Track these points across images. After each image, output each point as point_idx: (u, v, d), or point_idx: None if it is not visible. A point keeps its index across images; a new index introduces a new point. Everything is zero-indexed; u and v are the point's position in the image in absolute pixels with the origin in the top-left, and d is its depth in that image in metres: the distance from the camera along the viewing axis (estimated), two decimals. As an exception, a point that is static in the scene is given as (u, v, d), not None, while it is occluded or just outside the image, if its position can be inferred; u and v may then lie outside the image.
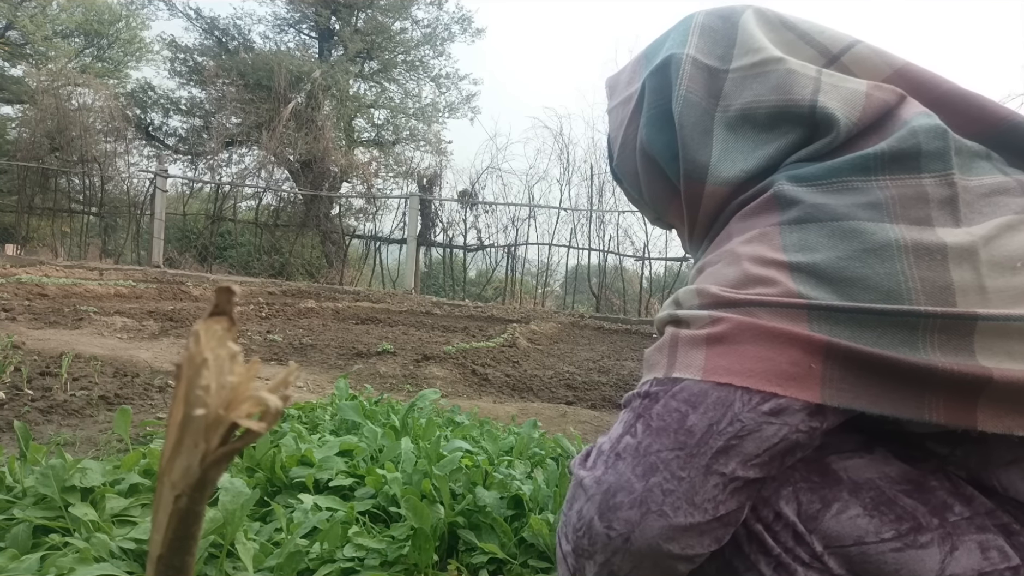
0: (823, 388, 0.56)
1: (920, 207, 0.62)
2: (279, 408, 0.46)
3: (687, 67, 0.76)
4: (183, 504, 0.48)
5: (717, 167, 0.73)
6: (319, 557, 1.04)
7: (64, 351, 2.71)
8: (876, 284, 0.58)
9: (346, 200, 13.55)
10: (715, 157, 0.73)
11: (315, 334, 4.49)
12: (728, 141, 0.73)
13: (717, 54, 0.77)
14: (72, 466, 1.12)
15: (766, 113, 0.72)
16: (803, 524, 0.59)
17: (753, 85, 0.73)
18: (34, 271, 6.58)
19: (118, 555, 0.96)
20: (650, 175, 0.82)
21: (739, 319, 0.59)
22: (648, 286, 9.60)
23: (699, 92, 0.75)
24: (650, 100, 0.79)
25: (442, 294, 10.34)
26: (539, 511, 1.22)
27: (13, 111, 15.64)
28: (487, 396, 2.94)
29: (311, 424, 1.74)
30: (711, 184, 0.73)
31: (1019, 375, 0.53)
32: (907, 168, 0.64)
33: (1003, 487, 0.58)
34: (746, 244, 0.65)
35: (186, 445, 0.47)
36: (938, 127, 0.66)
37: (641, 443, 0.59)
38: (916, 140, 0.65)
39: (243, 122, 13.64)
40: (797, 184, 0.67)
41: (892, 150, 0.65)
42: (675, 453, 0.57)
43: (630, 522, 0.57)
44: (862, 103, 0.70)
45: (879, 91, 0.71)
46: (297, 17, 15.48)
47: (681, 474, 0.57)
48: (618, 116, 0.86)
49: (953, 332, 0.55)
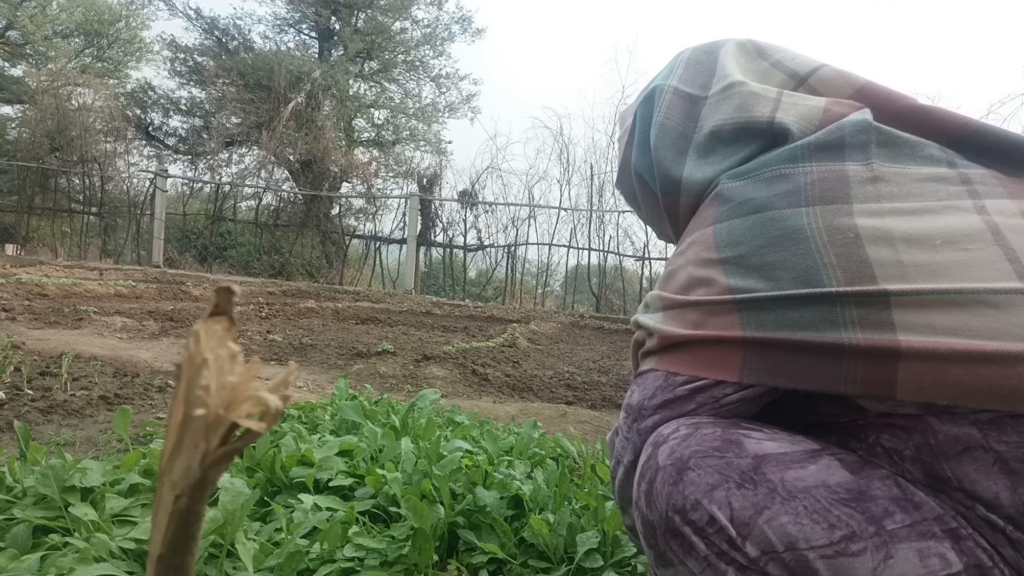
0: (743, 370, 0.64)
1: (840, 187, 0.68)
2: (279, 408, 0.46)
3: (667, 96, 0.88)
4: (183, 504, 0.48)
5: (688, 179, 0.82)
6: (319, 557, 1.04)
7: (64, 351, 2.71)
8: (793, 265, 0.64)
9: (346, 200, 13.56)
10: (687, 171, 0.83)
11: (315, 334, 4.49)
12: (698, 155, 0.83)
13: (699, 83, 0.88)
14: (72, 466, 1.12)
15: (730, 129, 0.81)
16: (735, 529, 0.59)
17: (723, 107, 0.83)
18: (34, 271, 6.58)
19: (118, 555, 0.96)
20: (643, 192, 0.93)
21: (679, 334, 0.70)
22: (648, 286, 9.60)
23: (676, 117, 0.87)
24: (639, 127, 0.91)
25: (442, 294, 10.34)
26: (539, 511, 1.22)
27: (13, 111, 15.64)
28: (487, 396, 2.94)
29: (311, 424, 1.74)
30: (684, 195, 0.83)
31: (929, 345, 0.56)
32: (831, 156, 0.72)
33: (956, 479, 0.58)
34: (691, 247, 0.75)
35: (186, 445, 0.47)
36: (864, 122, 0.73)
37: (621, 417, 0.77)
38: (841, 133, 0.73)
39: (243, 122, 13.64)
40: (735, 180, 0.75)
41: (818, 141, 0.73)
42: (625, 421, 0.74)
43: (613, 469, 0.77)
44: (819, 117, 0.78)
45: (837, 106, 0.78)
46: (297, 17, 15.48)
47: (627, 435, 0.73)
48: (621, 142, 0.98)
49: (869, 307, 0.59)
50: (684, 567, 0.62)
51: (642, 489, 0.65)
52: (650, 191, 0.90)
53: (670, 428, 0.67)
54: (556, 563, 1.12)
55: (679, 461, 0.62)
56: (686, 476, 0.61)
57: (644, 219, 1.03)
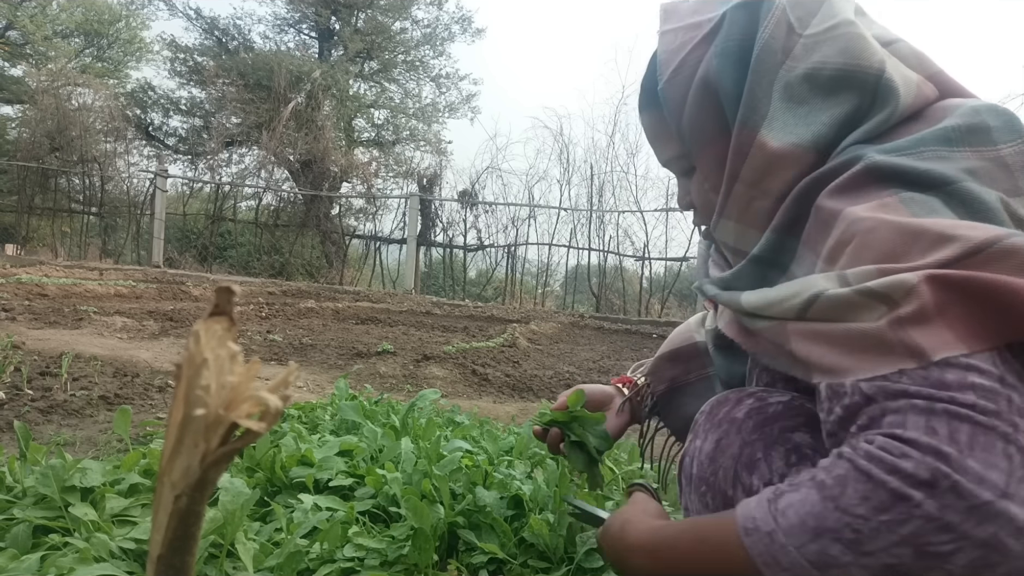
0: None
1: (1007, 177, 0.63)
2: (279, 408, 0.46)
3: (777, 13, 0.74)
4: (183, 504, 0.48)
5: (771, 124, 0.72)
6: (319, 557, 1.04)
7: (64, 351, 2.71)
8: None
9: (346, 200, 13.56)
10: (771, 112, 0.72)
11: (315, 334, 4.49)
12: (785, 100, 0.72)
13: (798, 15, 0.75)
14: (72, 466, 1.12)
15: (829, 76, 0.70)
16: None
17: (823, 48, 0.71)
18: (34, 271, 6.58)
19: (118, 555, 0.96)
20: (702, 107, 0.76)
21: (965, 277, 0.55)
22: (648, 286, 9.60)
23: (778, 43, 0.73)
24: (730, 32, 0.75)
25: (442, 294, 10.33)
26: (539, 511, 1.22)
27: (13, 111, 15.64)
28: (487, 396, 2.94)
29: (311, 424, 1.74)
30: (763, 136, 0.72)
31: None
32: (982, 140, 0.65)
33: None
34: (876, 211, 0.62)
35: (186, 445, 0.47)
36: (998, 106, 0.68)
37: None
38: (980, 117, 0.67)
39: (243, 122, 13.64)
40: (888, 155, 0.66)
41: (965, 124, 0.66)
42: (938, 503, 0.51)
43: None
44: (914, 90, 0.71)
45: (925, 86, 0.73)
46: (297, 17, 15.48)
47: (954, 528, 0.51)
48: (677, 39, 0.80)
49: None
50: None
51: None
52: (714, 109, 0.76)
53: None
54: (556, 563, 1.12)
55: None
56: None
57: (660, 135, 0.85)
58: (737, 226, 0.77)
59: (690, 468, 0.77)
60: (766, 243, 0.73)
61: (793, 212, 0.71)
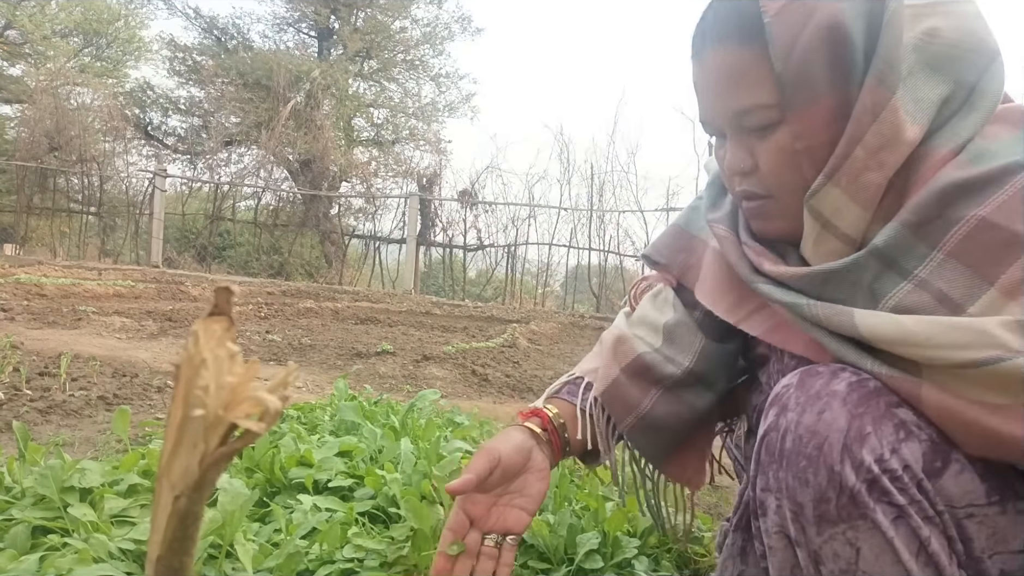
0: None
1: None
2: (278, 408, 0.46)
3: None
4: (182, 505, 0.47)
5: (905, 87, 0.65)
6: (318, 558, 1.04)
7: (63, 351, 2.71)
8: None
9: (345, 200, 13.55)
10: (907, 74, 0.65)
11: (314, 334, 4.49)
12: (918, 64, 0.66)
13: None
14: (71, 466, 1.11)
15: (935, 51, 0.66)
16: (928, 479, 0.61)
17: (932, 17, 0.66)
18: (33, 271, 6.57)
19: (117, 556, 0.95)
20: (821, 51, 0.66)
21: None
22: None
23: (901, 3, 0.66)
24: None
25: (442, 294, 10.34)
26: (539, 511, 1.22)
27: (12, 111, 15.62)
28: (487, 396, 2.94)
29: (310, 424, 1.74)
30: (898, 100, 0.65)
31: None
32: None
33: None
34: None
35: (185, 446, 0.47)
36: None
37: None
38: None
39: (242, 121, 13.64)
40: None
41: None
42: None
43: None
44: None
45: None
46: (296, 16, 15.48)
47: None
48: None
49: None
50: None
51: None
52: (841, 63, 0.66)
53: None
54: (556, 564, 1.12)
55: None
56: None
57: (750, 103, 0.70)
58: (841, 196, 0.68)
59: (780, 443, 0.67)
60: (895, 237, 0.66)
61: (930, 212, 0.64)
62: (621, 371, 0.92)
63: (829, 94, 0.67)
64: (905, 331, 0.63)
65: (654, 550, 1.20)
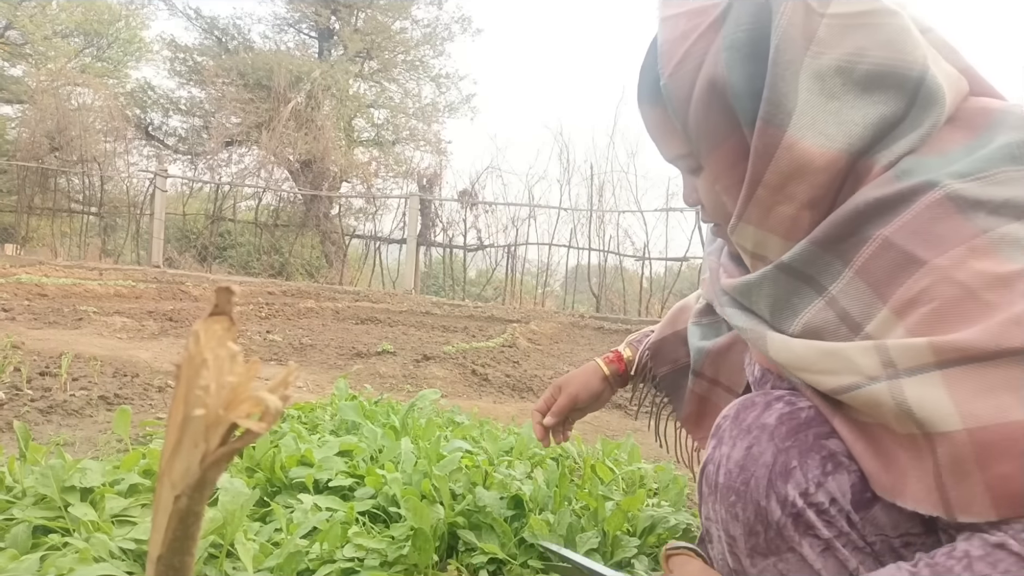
0: None
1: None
2: (279, 408, 0.46)
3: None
4: (183, 504, 0.48)
5: (800, 119, 0.64)
6: (319, 557, 1.04)
7: (64, 351, 2.71)
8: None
9: (346, 200, 13.55)
10: (799, 107, 0.64)
11: (315, 334, 4.49)
12: (814, 92, 0.64)
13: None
14: (72, 466, 1.11)
15: (866, 71, 0.63)
16: (857, 511, 0.62)
17: (856, 35, 0.64)
18: (34, 271, 6.58)
19: (118, 555, 0.96)
20: (710, 104, 0.68)
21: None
22: (648, 286, 9.60)
23: (798, 29, 0.65)
24: (739, 21, 0.67)
25: (442, 294, 10.33)
26: (539, 511, 1.22)
27: (13, 111, 15.62)
28: (487, 396, 2.94)
29: (311, 424, 1.74)
30: (791, 136, 0.64)
31: None
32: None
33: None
34: (966, 260, 0.57)
35: (186, 445, 0.47)
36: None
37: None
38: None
39: (243, 122, 13.63)
40: (964, 180, 0.59)
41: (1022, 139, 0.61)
42: None
43: None
44: (956, 87, 0.66)
45: (960, 81, 0.67)
46: (297, 17, 15.47)
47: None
48: (679, 27, 0.71)
49: None
50: None
51: None
52: (722, 106, 0.68)
53: None
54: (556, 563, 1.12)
55: None
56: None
57: (664, 133, 0.76)
58: (757, 231, 0.71)
59: (715, 476, 0.71)
60: (801, 254, 0.67)
61: (842, 231, 0.65)
62: (673, 333, 1.15)
63: (727, 140, 0.69)
64: (795, 356, 0.66)
65: (654, 549, 1.20)
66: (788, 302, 0.69)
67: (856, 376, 0.60)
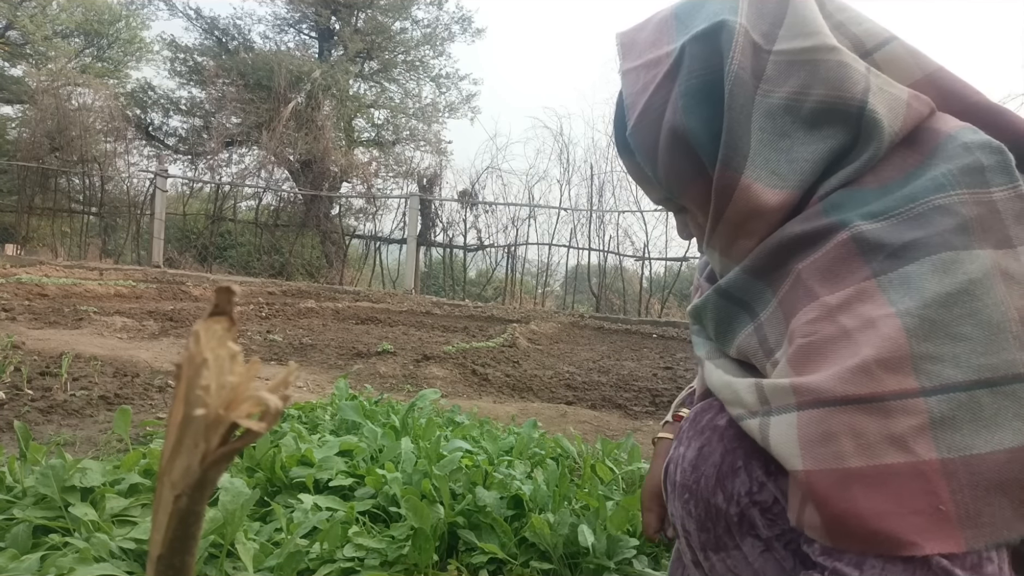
0: (963, 531, 0.52)
1: (998, 227, 0.59)
2: (279, 408, 0.46)
3: (740, 39, 0.67)
4: (183, 504, 0.48)
5: (755, 160, 0.67)
6: (319, 557, 1.04)
7: (64, 351, 2.71)
8: (981, 324, 0.55)
9: (346, 200, 13.56)
10: (753, 147, 0.67)
11: (315, 334, 4.49)
12: (767, 131, 0.67)
13: (762, 30, 0.68)
14: (72, 466, 1.12)
15: (811, 108, 0.66)
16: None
17: (800, 73, 0.66)
18: (34, 271, 6.58)
19: (118, 555, 0.96)
20: (674, 151, 0.71)
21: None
22: (648, 286, 9.60)
23: (747, 71, 0.67)
24: (692, 68, 0.69)
25: (442, 294, 10.34)
26: (539, 511, 1.22)
27: (13, 111, 15.64)
28: (487, 396, 2.94)
29: (311, 424, 1.74)
30: (747, 177, 0.67)
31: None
32: (977, 182, 0.61)
33: None
34: (846, 310, 0.59)
35: (186, 445, 0.47)
36: (991, 142, 0.63)
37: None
38: (974, 155, 0.62)
39: (243, 122, 13.64)
40: (874, 221, 0.61)
41: (958, 167, 0.62)
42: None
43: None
44: (903, 112, 0.66)
45: (916, 101, 0.67)
46: (297, 17, 15.48)
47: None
48: (639, 79, 0.73)
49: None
50: None
51: None
52: (685, 150, 0.71)
53: None
54: (556, 563, 1.12)
55: None
56: None
57: (643, 178, 0.80)
58: (722, 259, 0.75)
59: (674, 475, 0.75)
60: (735, 280, 0.72)
61: (767, 262, 0.69)
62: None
63: (695, 181, 0.73)
64: (711, 382, 0.73)
65: (654, 549, 1.20)
66: (729, 325, 0.75)
67: (741, 408, 0.66)
